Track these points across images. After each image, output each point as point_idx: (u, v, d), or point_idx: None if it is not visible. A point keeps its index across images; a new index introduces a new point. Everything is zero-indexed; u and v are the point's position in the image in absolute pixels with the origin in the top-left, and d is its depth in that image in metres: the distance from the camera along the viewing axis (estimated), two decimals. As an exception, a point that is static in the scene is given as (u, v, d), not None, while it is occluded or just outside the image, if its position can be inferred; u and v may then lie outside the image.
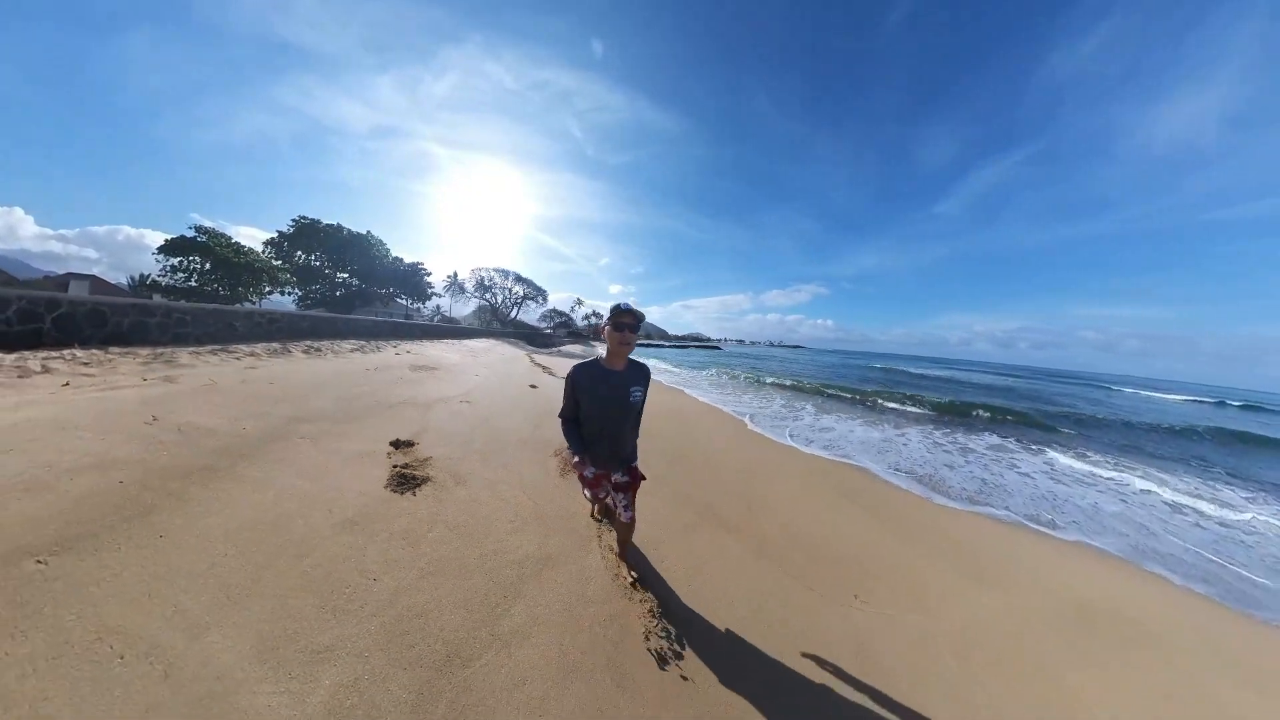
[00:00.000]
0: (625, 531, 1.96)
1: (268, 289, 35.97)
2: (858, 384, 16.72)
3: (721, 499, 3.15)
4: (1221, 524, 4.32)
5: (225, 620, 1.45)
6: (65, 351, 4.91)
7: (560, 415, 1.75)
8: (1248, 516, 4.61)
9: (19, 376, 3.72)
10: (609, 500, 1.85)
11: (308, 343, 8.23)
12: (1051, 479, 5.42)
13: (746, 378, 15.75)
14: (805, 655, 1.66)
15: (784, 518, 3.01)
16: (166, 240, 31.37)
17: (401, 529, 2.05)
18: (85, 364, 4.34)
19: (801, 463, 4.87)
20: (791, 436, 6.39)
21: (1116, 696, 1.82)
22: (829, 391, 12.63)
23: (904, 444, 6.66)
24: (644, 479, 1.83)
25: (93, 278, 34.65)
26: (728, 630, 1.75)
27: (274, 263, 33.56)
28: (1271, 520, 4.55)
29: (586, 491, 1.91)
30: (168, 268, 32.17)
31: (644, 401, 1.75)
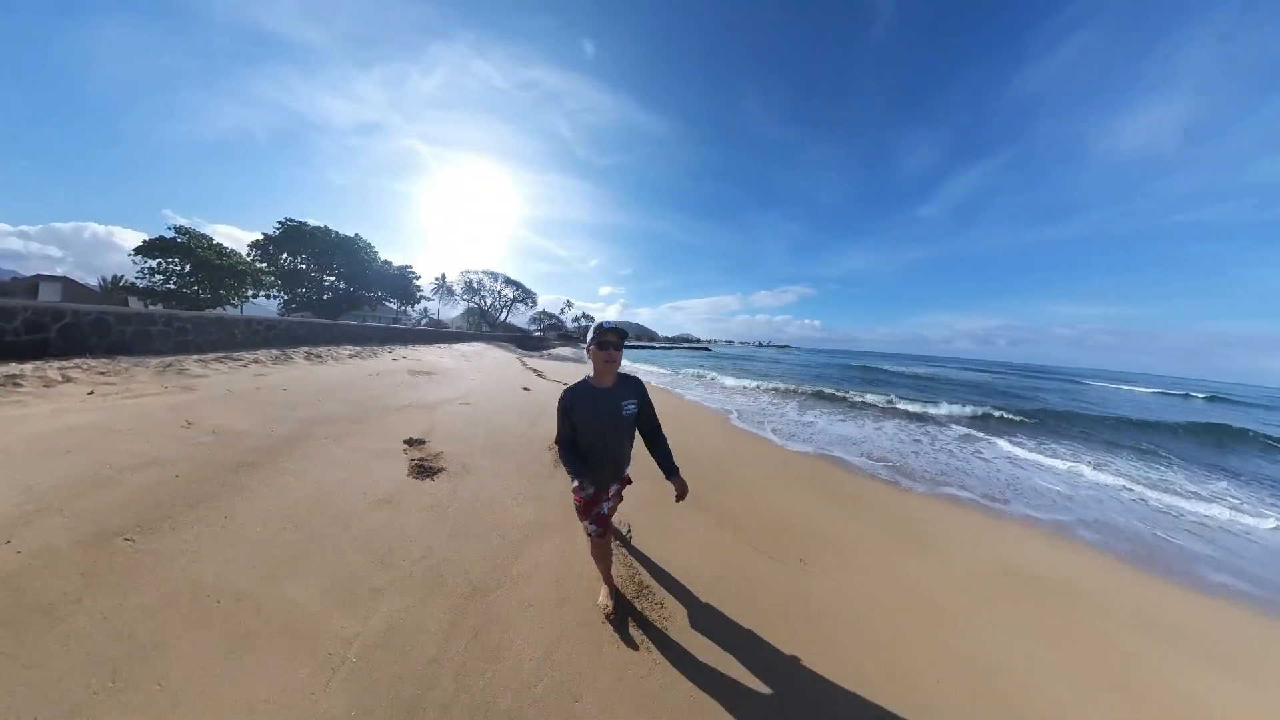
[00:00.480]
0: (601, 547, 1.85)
1: (250, 292, 35.28)
2: (837, 382, 17.46)
3: (693, 482, 3.59)
4: (1156, 501, 4.84)
5: (296, 574, 1.83)
6: (77, 361, 5.12)
7: (557, 441, 1.72)
8: (1187, 503, 5.21)
9: (44, 386, 3.98)
10: (606, 514, 1.79)
11: (307, 349, 8.46)
12: (1010, 464, 6.00)
13: (735, 377, 16.32)
14: (751, 604, 2.10)
15: (747, 498, 3.47)
16: (144, 241, 30.57)
17: (427, 504, 2.45)
18: (102, 373, 4.59)
19: (772, 452, 5.36)
20: (772, 431, 6.91)
21: (1013, 638, 2.12)
22: (809, 389, 13.26)
23: (875, 435, 7.24)
24: (630, 482, 1.89)
25: (64, 279, 33.52)
26: (691, 579, 2.19)
27: (258, 265, 33.01)
28: (1199, 494, 5.19)
29: (588, 525, 1.76)
30: (145, 270, 31.30)
31: (647, 410, 1.74)
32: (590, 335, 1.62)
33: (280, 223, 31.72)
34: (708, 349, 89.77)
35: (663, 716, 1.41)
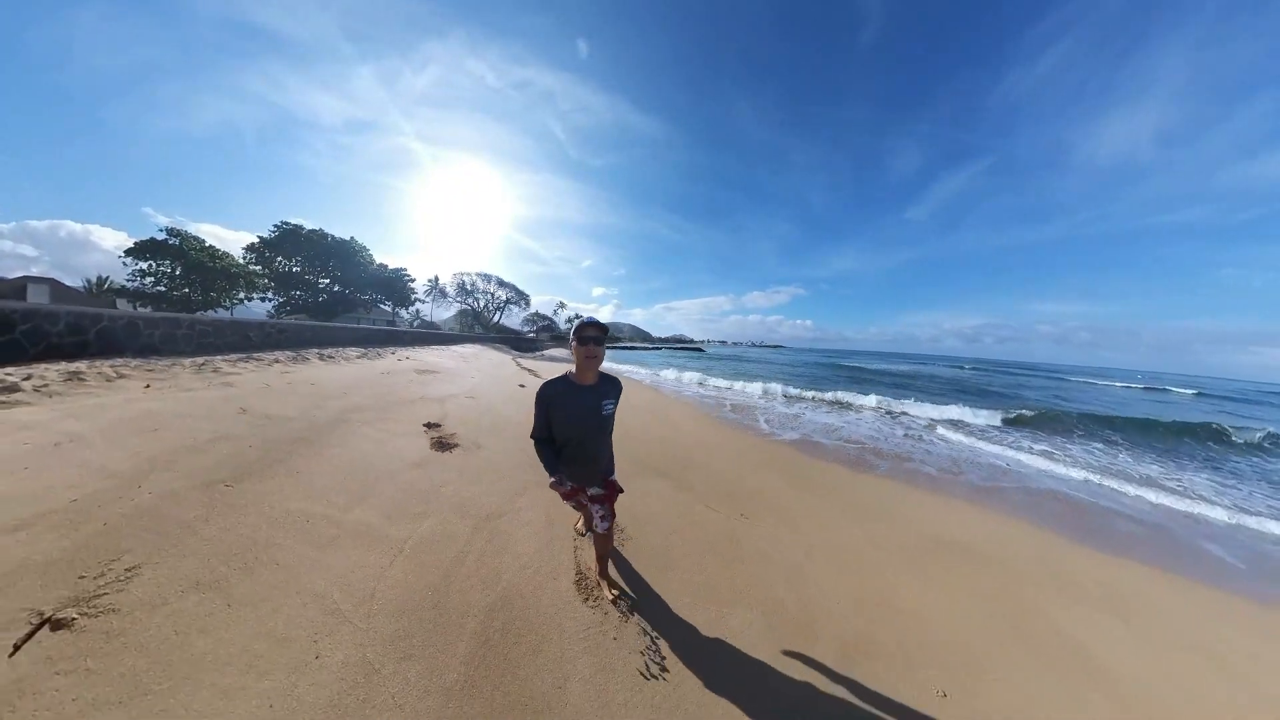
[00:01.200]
0: (602, 544, 1.91)
1: (242, 295, 35.28)
2: (820, 381, 18.35)
3: (665, 461, 4.33)
4: (1101, 484, 5.29)
5: (361, 505, 2.54)
6: (118, 361, 5.73)
7: (532, 436, 1.71)
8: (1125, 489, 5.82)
9: (106, 380, 4.61)
10: (587, 510, 1.87)
11: (317, 350, 9.07)
12: (960, 450, 6.75)
13: (727, 377, 17.12)
14: (695, 539, 2.80)
15: (707, 471, 4.20)
16: (135, 243, 30.62)
17: (449, 466, 3.16)
18: (150, 370, 5.21)
19: (743, 439, 6.13)
20: (749, 421, 7.69)
21: (929, 589, 2.44)
22: (793, 387, 14.09)
23: (845, 426, 8.05)
24: (621, 491, 1.85)
25: (51, 281, 33.35)
26: (652, 519, 2.93)
27: (252, 268, 33.11)
28: (1133, 476, 6.03)
29: (569, 502, 1.91)
30: (136, 272, 31.26)
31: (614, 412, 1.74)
32: (572, 331, 1.61)
33: (276, 226, 31.96)
34: (701, 349, 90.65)
35: (618, 584, 2.15)
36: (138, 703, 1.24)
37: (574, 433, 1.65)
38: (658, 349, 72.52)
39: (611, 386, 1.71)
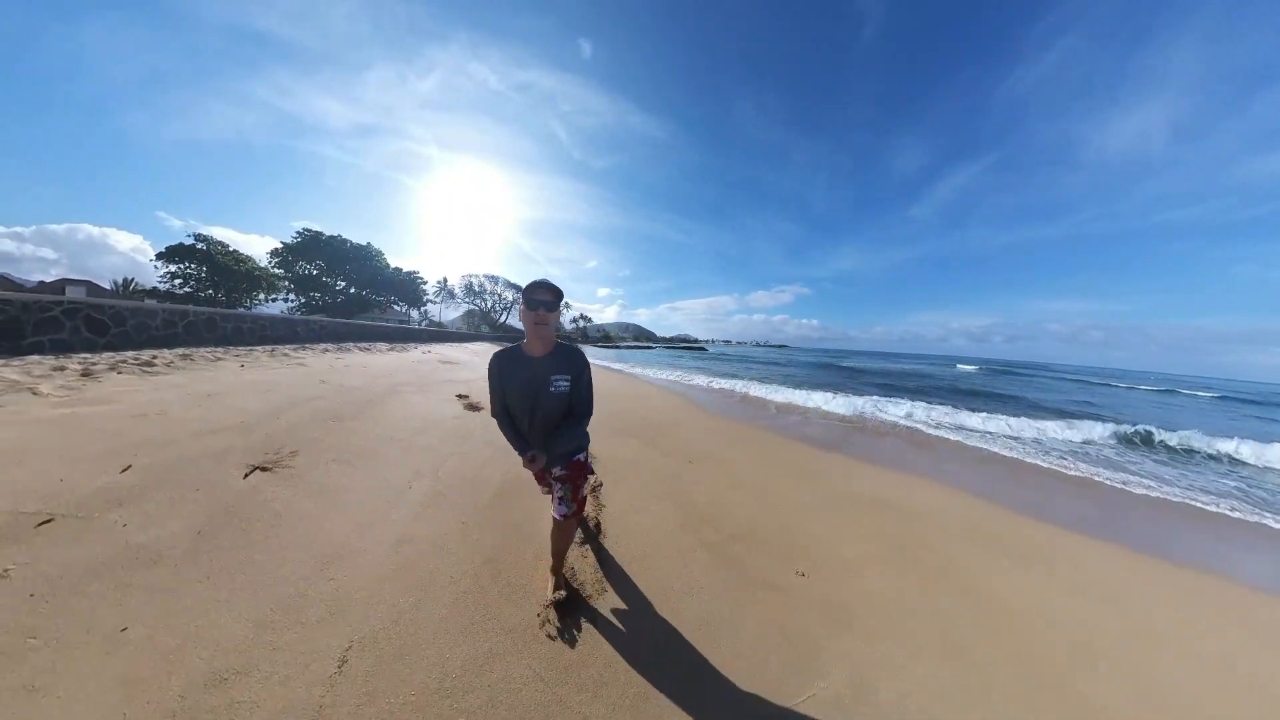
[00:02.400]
0: (563, 534, 1.65)
1: (262, 296, 37.21)
2: (811, 380, 19.38)
3: (640, 429, 5.53)
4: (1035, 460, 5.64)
5: (422, 436, 3.76)
6: (204, 350, 7.08)
7: (492, 414, 1.58)
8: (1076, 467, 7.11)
9: (212, 361, 5.94)
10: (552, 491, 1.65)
11: (352, 344, 10.44)
12: (907, 433, 7.91)
13: (724, 376, 18.26)
14: (649, 476, 4.00)
15: (671, 437, 5.35)
16: (167, 248, 32.69)
17: (478, 420, 4.39)
18: (237, 355, 6.55)
19: (717, 422, 7.30)
20: (718, 407, 8.85)
21: (844, 529, 2.78)
22: (784, 386, 15.19)
23: (812, 420, 9.18)
24: (591, 474, 1.70)
25: (88, 283, 35.59)
26: (622, 464, 4.12)
27: (274, 271, 34.98)
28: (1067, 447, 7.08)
29: (543, 488, 1.72)
30: (166, 274, 33.42)
31: (581, 391, 1.51)
32: (521, 296, 1.41)
33: (298, 233, 33.77)
34: (704, 349, 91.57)
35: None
36: (315, 499, 2.47)
37: (523, 410, 1.48)
38: (650, 348, 72.64)
39: (567, 361, 1.48)
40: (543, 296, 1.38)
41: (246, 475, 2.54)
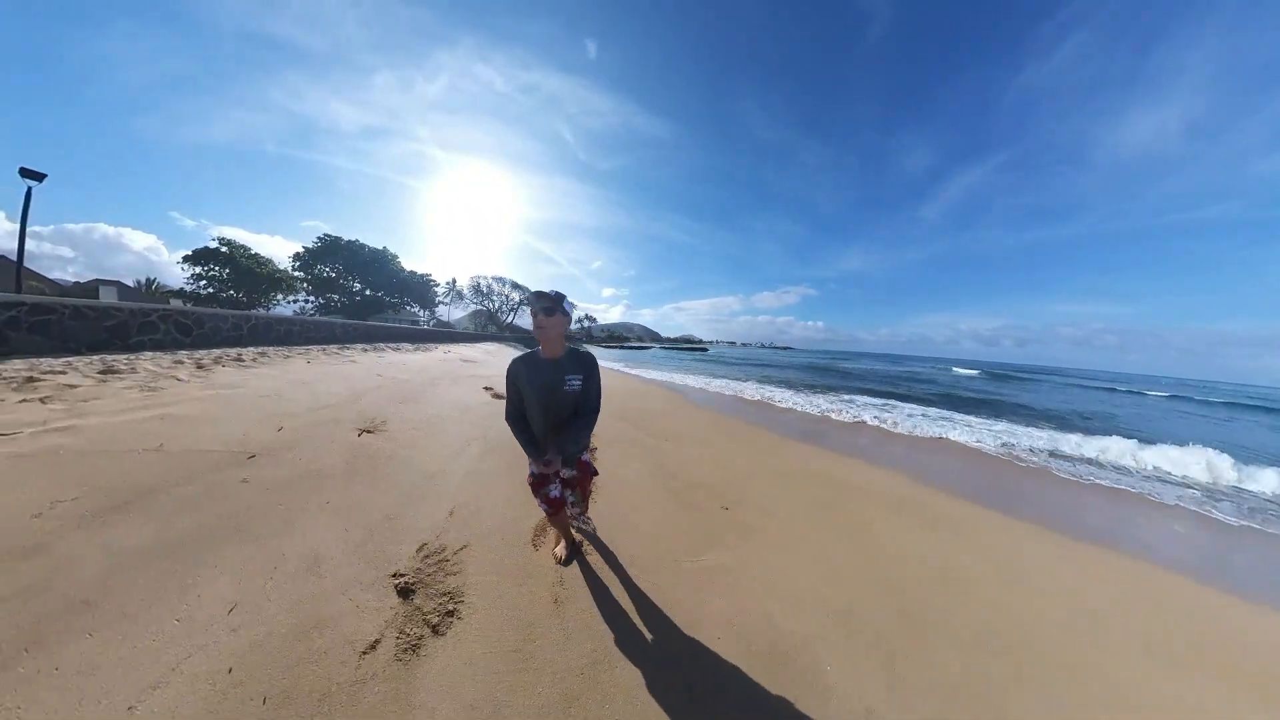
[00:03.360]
0: (561, 523, 1.94)
1: (280, 297, 38.96)
2: (798, 381, 20.37)
3: (632, 416, 6.71)
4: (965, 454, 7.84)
5: (467, 418, 4.96)
6: (271, 348, 8.38)
7: (507, 417, 1.70)
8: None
9: (284, 359, 7.22)
10: (558, 497, 1.78)
11: (381, 343, 11.76)
12: (880, 436, 9.00)
13: (718, 377, 19.33)
14: (631, 448, 5.17)
15: (656, 424, 6.54)
16: (193, 251, 34.53)
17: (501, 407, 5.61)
18: (303, 353, 7.84)
19: (693, 411, 8.45)
20: (703, 402, 9.98)
21: (784, 493, 3.37)
22: (768, 385, 16.26)
23: (777, 412, 10.28)
24: (596, 474, 1.89)
25: (119, 284, 37.63)
26: (612, 441, 5.28)
27: (294, 274, 36.68)
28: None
29: (541, 504, 1.79)
30: (192, 276, 35.31)
31: (591, 389, 1.67)
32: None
33: (320, 238, 35.42)
34: (705, 349, 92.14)
35: (596, 447, 4.53)
36: (409, 450, 3.66)
37: (539, 408, 1.64)
38: (646, 348, 73.24)
39: (579, 363, 1.66)
40: (542, 304, 1.55)
41: (360, 434, 3.76)
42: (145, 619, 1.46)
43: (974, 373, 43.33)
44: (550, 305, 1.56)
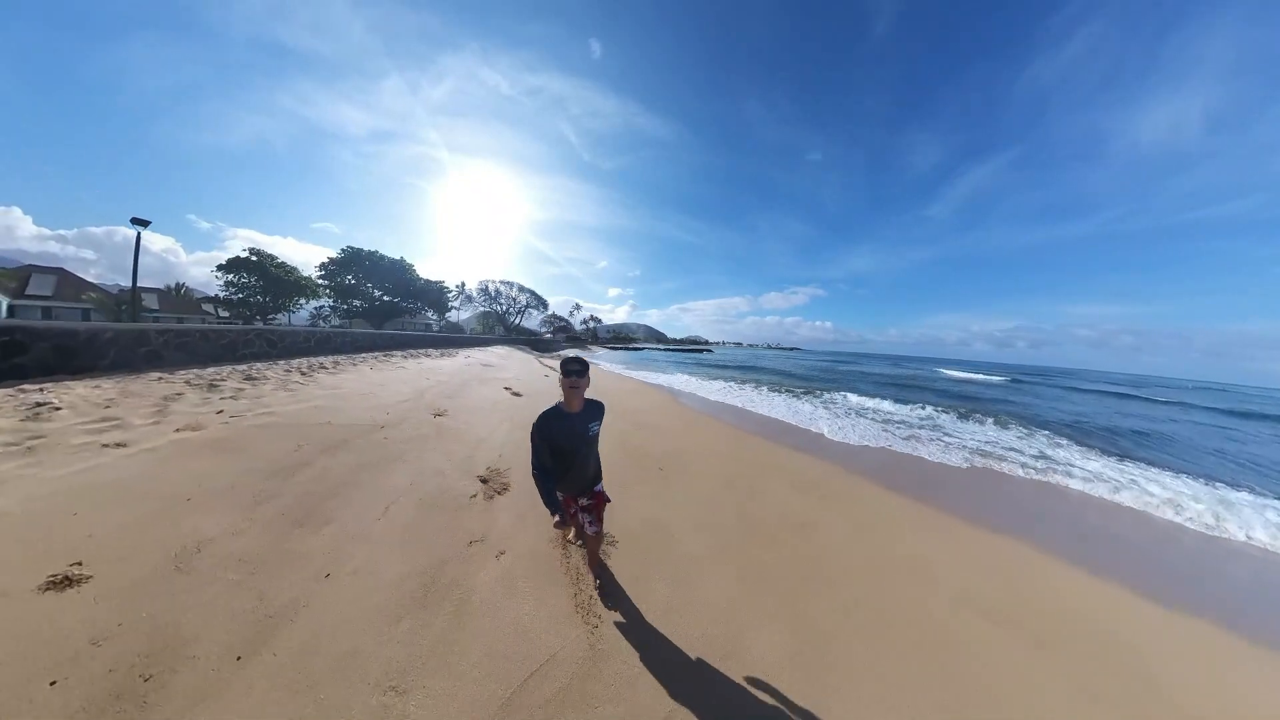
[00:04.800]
0: (594, 543, 2.33)
1: (302, 302, 41.73)
2: (786, 384, 22.02)
3: (628, 413, 8.77)
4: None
5: (498, 409, 7.07)
6: (335, 357, 10.63)
7: (534, 469, 2.02)
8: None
9: (353, 365, 9.46)
10: (578, 518, 2.24)
11: (413, 350, 14.02)
12: (832, 432, 10.91)
13: (711, 378, 21.18)
14: (620, 437, 7.22)
15: (643, 419, 8.62)
16: (228, 260, 37.47)
17: (522, 403, 7.71)
18: (363, 360, 10.07)
19: (672, 406, 10.48)
20: (684, 401, 11.98)
21: (771, 483, 5.21)
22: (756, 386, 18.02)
23: (745, 410, 12.22)
24: (609, 501, 2.26)
25: (159, 290, 40.75)
26: (608, 432, 7.33)
27: (318, 281, 39.44)
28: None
29: (559, 530, 2.50)
30: (226, 283, 38.27)
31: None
32: (558, 369, 1.96)
33: (344, 250, 38.09)
34: (710, 350, 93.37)
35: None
36: (465, 427, 5.77)
37: (569, 456, 2.01)
38: (641, 349, 74.40)
39: (595, 411, 2.09)
40: (576, 368, 1.90)
41: (435, 416, 5.91)
42: (370, 489, 3.53)
43: (975, 375, 38.74)
44: (581, 369, 1.92)
